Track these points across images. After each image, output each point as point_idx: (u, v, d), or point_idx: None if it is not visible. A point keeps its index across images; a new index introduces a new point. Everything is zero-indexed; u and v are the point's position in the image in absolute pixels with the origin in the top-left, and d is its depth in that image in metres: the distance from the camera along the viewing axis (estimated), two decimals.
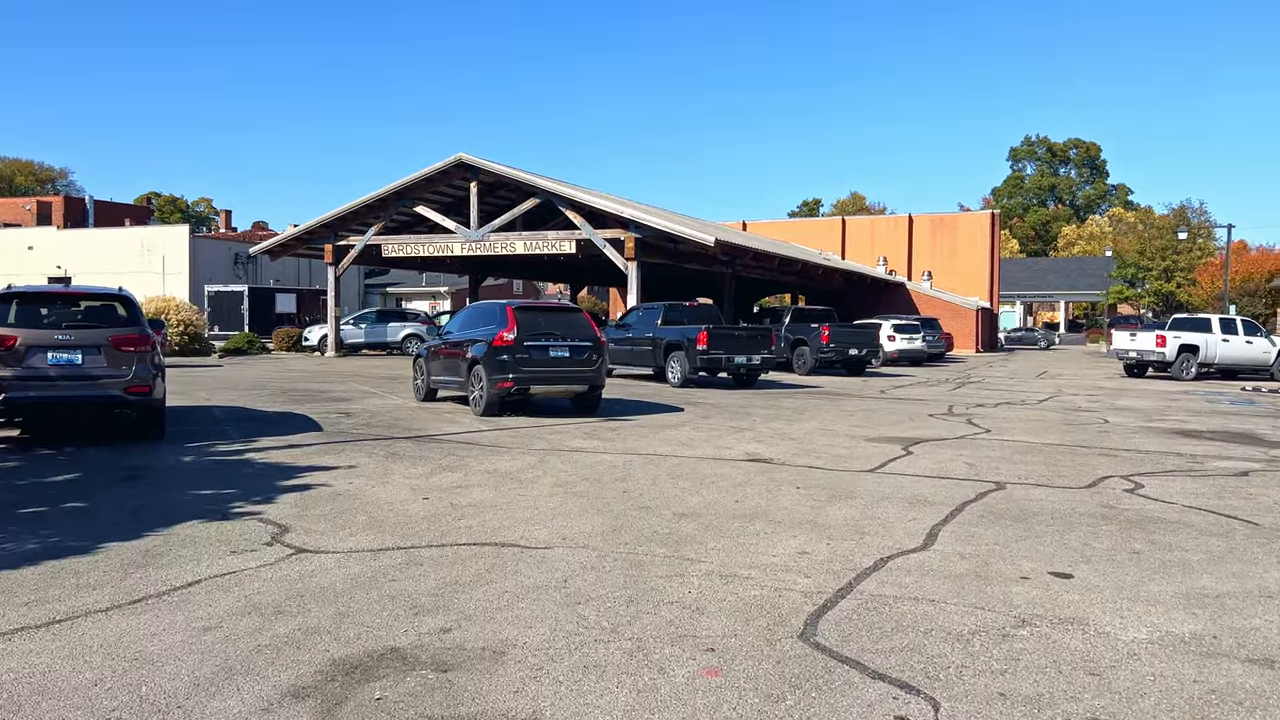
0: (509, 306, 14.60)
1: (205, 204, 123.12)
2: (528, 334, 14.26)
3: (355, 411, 15.00)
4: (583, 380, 14.62)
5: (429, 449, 11.01)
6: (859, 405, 17.77)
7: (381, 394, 18.37)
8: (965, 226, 59.16)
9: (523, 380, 14.15)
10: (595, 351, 14.73)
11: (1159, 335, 29.24)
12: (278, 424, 13.30)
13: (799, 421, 14.63)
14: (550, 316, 14.86)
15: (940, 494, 8.61)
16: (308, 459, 10.17)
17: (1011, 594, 5.51)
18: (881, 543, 6.72)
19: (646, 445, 11.59)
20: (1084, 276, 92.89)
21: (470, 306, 16.32)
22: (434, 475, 9.28)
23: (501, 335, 14.19)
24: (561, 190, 30.47)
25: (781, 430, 13.41)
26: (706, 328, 21.15)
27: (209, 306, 45.62)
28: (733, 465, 10.12)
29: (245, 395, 17.69)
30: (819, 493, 8.59)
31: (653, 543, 6.63)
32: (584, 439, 12.11)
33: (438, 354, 16.39)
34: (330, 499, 8.05)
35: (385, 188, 32.98)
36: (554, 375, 14.40)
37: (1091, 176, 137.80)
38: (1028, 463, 10.67)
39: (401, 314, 39.48)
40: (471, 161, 31.42)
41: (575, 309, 15.36)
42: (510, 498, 8.19)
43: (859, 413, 16.25)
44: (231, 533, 6.80)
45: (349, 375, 24.11)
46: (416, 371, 17.22)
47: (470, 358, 14.72)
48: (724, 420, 14.59)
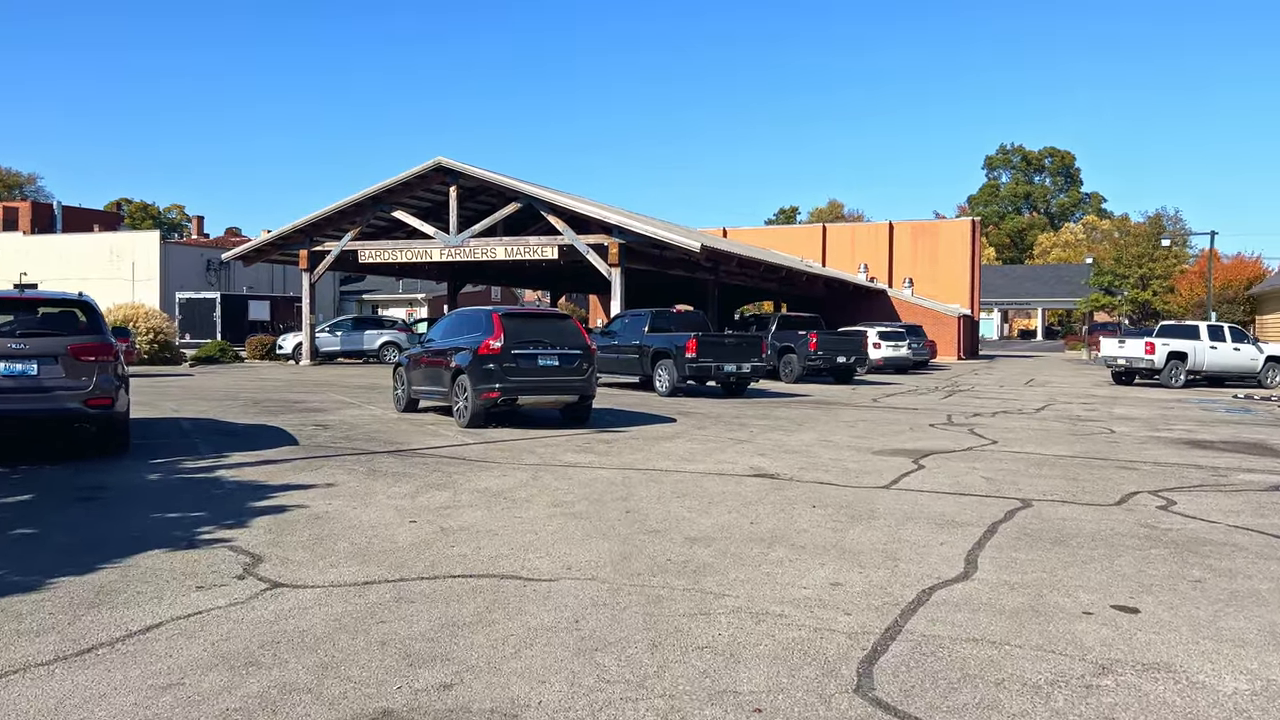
0: (496, 313, 13.94)
1: (178, 210, 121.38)
2: (515, 342, 13.60)
3: (333, 423, 14.27)
4: (573, 390, 13.97)
5: (413, 465, 10.32)
6: (855, 415, 17.22)
7: (359, 404, 17.63)
8: (946, 234, 59.03)
9: (510, 390, 13.48)
10: (586, 360, 14.09)
11: (1148, 342, 28.95)
12: (250, 437, 12.56)
13: (798, 432, 14.05)
14: (539, 324, 14.20)
15: (966, 513, 8.03)
16: (283, 476, 9.45)
17: (1079, 633, 4.92)
18: (918, 571, 6.12)
19: (644, 459, 10.95)
20: (1061, 284, 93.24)
21: (454, 313, 15.64)
22: (420, 495, 8.59)
23: (488, 343, 13.51)
24: (544, 195, 29.81)
25: (781, 442, 12.81)
26: (695, 335, 20.56)
27: (180, 314, 44.57)
28: (739, 481, 9.50)
29: (216, 406, 16.90)
30: (837, 513, 7.99)
31: (668, 573, 6.00)
32: (577, 453, 11.46)
33: (419, 363, 15.68)
34: (308, 523, 7.35)
35: (362, 192, 32.18)
36: (543, 385, 13.74)
37: (1066, 185, 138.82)
38: (1047, 477, 10.13)
39: (378, 321, 38.64)
40: (451, 165, 30.70)
41: (564, 316, 14.71)
42: (505, 520, 7.53)
43: (857, 423, 15.69)
44: (198, 564, 6.10)
45: (325, 385, 23.32)
46: (396, 381, 16.51)
47: (454, 367, 14.03)
48: (720, 431, 13.98)
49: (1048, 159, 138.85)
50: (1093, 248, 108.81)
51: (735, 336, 22.07)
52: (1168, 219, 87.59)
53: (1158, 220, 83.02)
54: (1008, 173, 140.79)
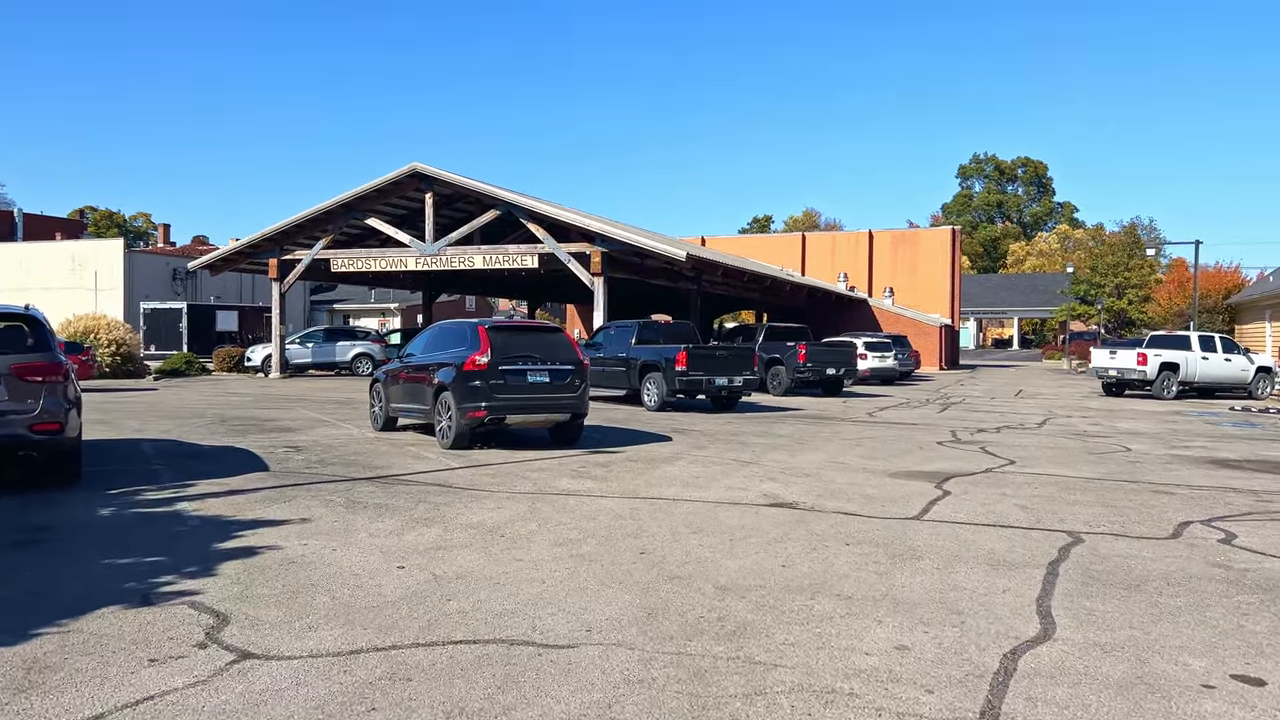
0: (481, 326, 13.05)
1: (144, 219, 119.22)
2: (503, 357, 12.73)
3: (306, 444, 13.31)
4: (565, 408, 13.11)
5: (397, 494, 9.41)
6: (856, 432, 16.46)
7: (334, 422, 16.66)
8: (926, 243, 58.69)
9: (498, 409, 12.60)
10: (578, 376, 13.23)
11: (1140, 353, 28.50)
12: (217, 462, 11.58)
13: (802, 452, 13.25)
14: (528, 337, 13.33)
15: (1016, 551, 7.26)
16: (253, 510, 8.52)
17: (1209, 715, 4.13)
18: (991, 628, 5.32)
19: (647, 485, 10.11)
20: (1036, 293, 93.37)
21: (435, 326, 14.73)
22: (407, 531, 7.70)
23: (473, 358, 12.63)
24: (523, 202, 28.95)
25: (788, 464, 12.01)
26: (685, 347, 19.76)
27: (145, 325, 43.25)
28: (756, 512, 8.68)
29: (181, 425, 15.87)
30: (874, 552, 7.18)
31: (704, 634, 5.16)
32: (573, 478, 10.59)
33: (398, 378, 14.76)
34: (282, 569, 6.44)
35: (334, 199, 31.17)
36: (533, 403, 12.87)
37: (1038, 194, 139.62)
38: (1084, 504, 9.39)
39: (351, 332, 37.56)
40: (427, 171, 29.78)
41: (555, 328, 13.85)
42: (506, 564, 6.66)
43: (862, 441, 14.93)
44: (153, 626, 5.19)
45: (296, 400, 22.29)
46: (374, 397, 15.56)
47: (437, 383, 13.13)
48: (721, 451, 13.16)
49: (1020, 169, 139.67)
50: (1067, 256, 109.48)
51: (727, 348, 21.29)
52: (1143, 228, 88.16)
53: (1133, 230, 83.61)
54: (981, 182, 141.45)
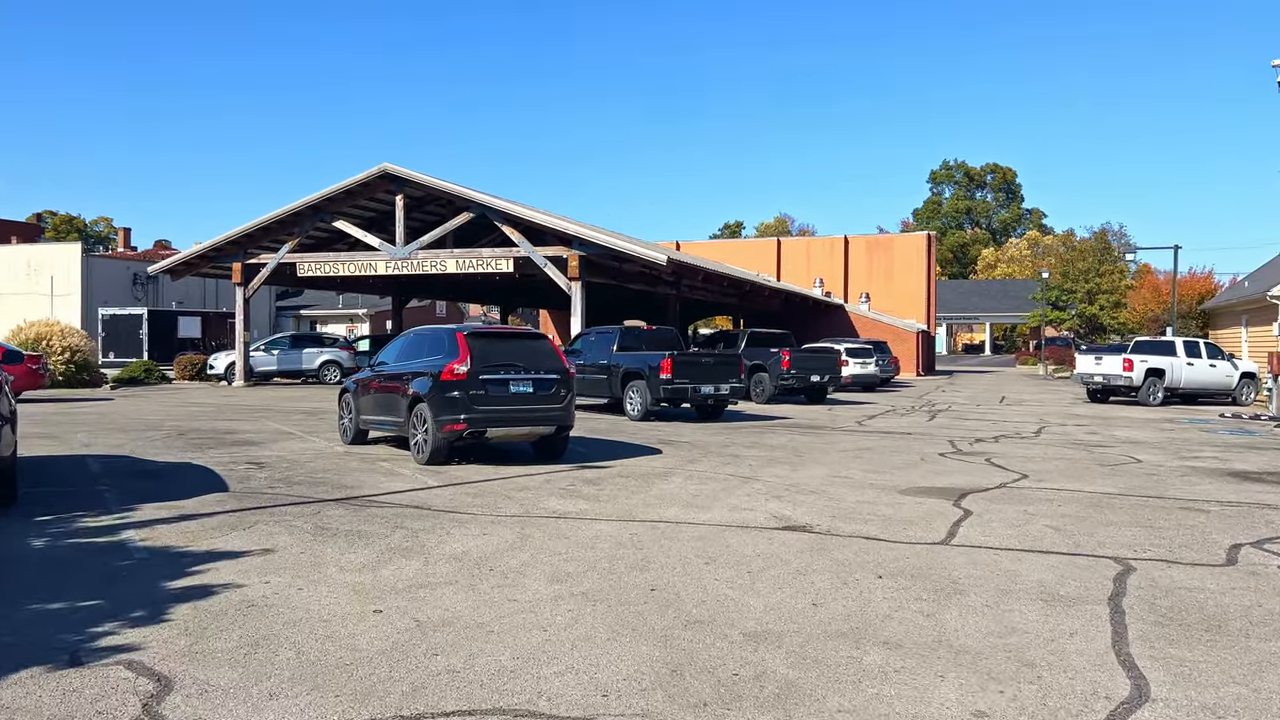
0: (460, 332, 12.18)
1: (105, 223, 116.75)
2: (483, 365, 11.86)
3: (270, 460, 12.36)
4: (549, 420, 12.26)
5: (370, 519, 8.52)
6: (851, 442, 15.74)
7: (300, 435, 15.69)
8: (901, 248, 58.37)
9: (478, 422, 11.72)
10: (564, 386, 12.39)
11: (1126, 359, 28.06)
12: (171, 481, 10.62)
13: (802, 466, 12.49)
14: (510, 344, 12.47)
15: (1066, 581, 6.51)
16: (209, 539, 7.60)
17: None
18: (1073, 685, 4.55)
19: (644, 506, 9.29)
20: (1008, 299, 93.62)
21: (410, 332, 13.83)
22: (383, 565, 6.83)
23: (451, 367, 11.75)
24: (498, 204, 28.06)
25: (790, 479, 11.24)
26: (670, 354, 18.97)
27: (103, 331, 41.84)
28: (769, 538, 7.88)
29: (135, 439, 14.84)
30: (912, 585, 6.40)
31: (744, 700, 4.34)
32: (563, 498, 9.75)
33: (369, 388, 13.85)
34: (239, 615, 5.56)
35: (301, 200, 30.11)
36: (516, 415, 12.00)
37: (1007, 200, 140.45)
38: (1118, 525, 8.68)
39: (318, 339, 36.45)
40: (397, 173, 28.81)
41: (538, 335, 12.99)
42: (498, 606, 5.81)
43: (861, 453, 14.19)
44: (79, 695, 4.30)
45: (261, 410, 21.25)
46: (343, 409, 14.62)
47: (412, 394, 12.24)
48: (716, 466, 12.36)
49: (989, 175, 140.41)
50: (1037, 263, 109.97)
51: (712, 355, 20.53)
52: (1113, 234, 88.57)
53: (1103, 236, 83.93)
54: (951, 188, 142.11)
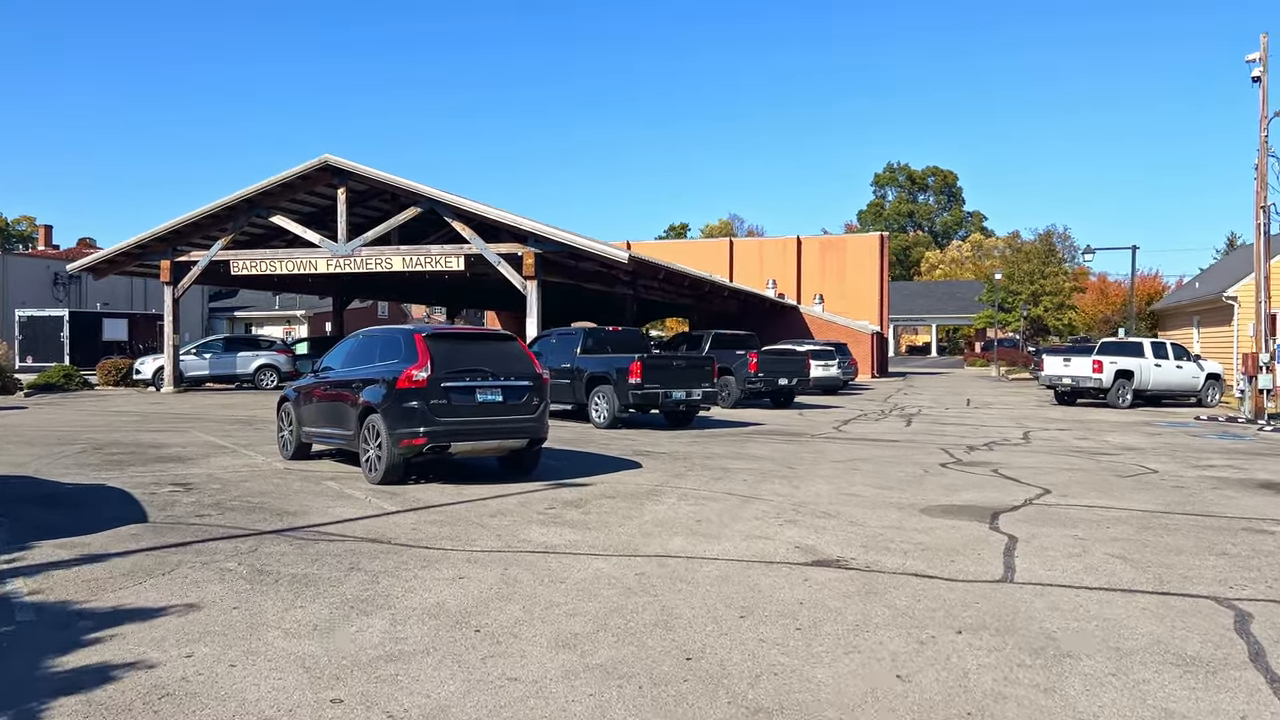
0: (419, 334, 10.72)
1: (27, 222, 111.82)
2: (446, 371, 10.42)
3: (199, 480, 10.78)
4: (521, 432, 10.85)
5: (319, 557, 7.07)
6: (840, 451, 14.59)
7: (235, 448, 14.08)
8: (853, 249, 57.83)
9: (441, 435, 10.29)
10: (536, 393, 11.00)
11: (1095, 361, 27.45)
12: (78, 509, 9.03)
13: (801, 481, 11.27)
14: (475, 347, 11.03)
15: (1186, 636, 5.35)
16: (117, 589, 6.11)
17: None
18: None
19: (642, 535, 7.96)
20: (953, 300, 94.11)
21: (360, 334, 12.32)
22: (340, 625, 5.42)
23: (409, 373, 10.29)
24: (449, 199, 26.48)
25: (795, 498, 10.00)
26: (639, 357, 17.67)
27: (20, 334, 39.26)
28: (802, 577, 6.62)
29: (43, 455, 13.10)
30: (1003, 645, 5.17)
31: None
32: (544, 525, 8.38)
33: (313, 396, 12.31)
34: (146, 713, 4.12)
35: (235, 194, 28.20)
36: (484, 427, 10.58)
37: (948, 203, 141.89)
38: (1186, 550, 7.59)
39: (253, 341, 34.44)
40: (339, 164, 27.09)
41: (507, 336, 11.56)
42: (496, 689, 4.45)
43: (855, 464, 13.03)
44: None
45: (191, 419, 19.48)
46: (282, 419, 13.05)
47: (363, 404, 10.76)
48: (706, 481, 11.08)
49: (930, 178, 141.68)
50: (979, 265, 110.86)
51: (684, 358, 19.26)
52: (1057, 236, 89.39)
53: (1048, 238, 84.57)
54: (894, 191, 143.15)
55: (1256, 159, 23.73)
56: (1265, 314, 23.74)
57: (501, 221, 25.94)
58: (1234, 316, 37.48)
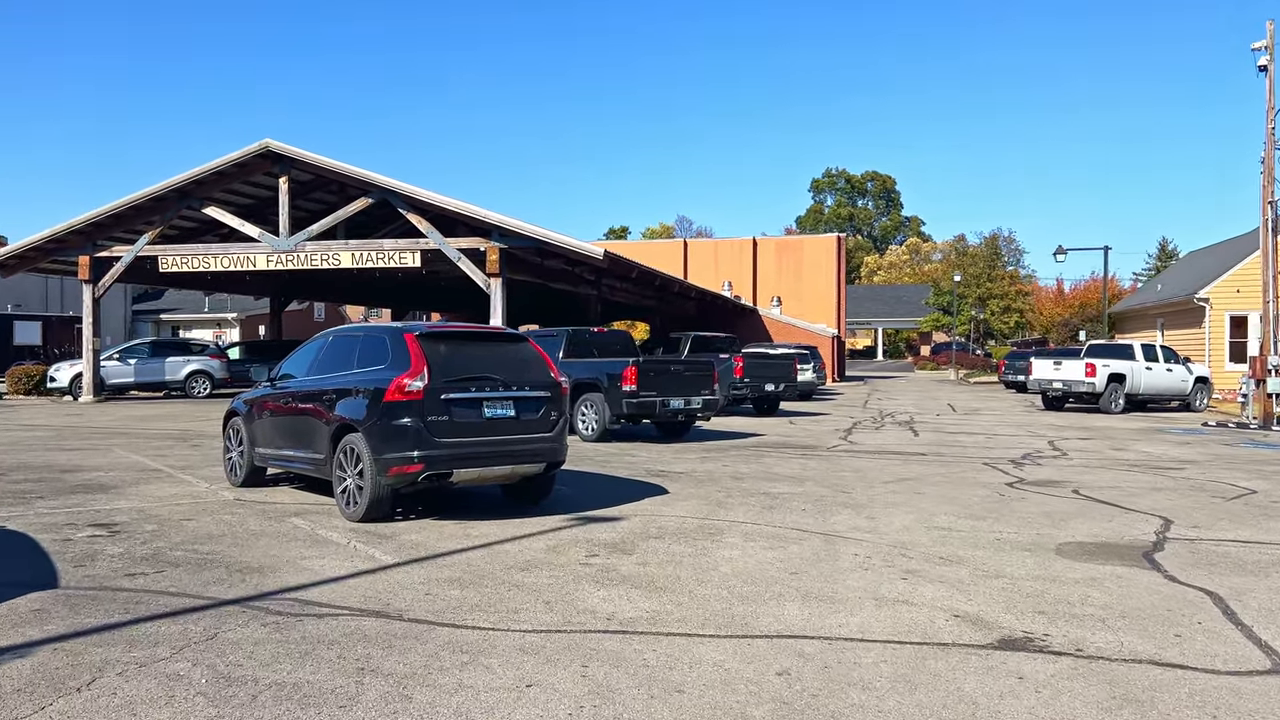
0: (410, 333, 8.58)
1: None
2: (446, 379, 8.31)
3: (128, 519, 8.51)
4: (537, 455, 8.78)
5: (311, 652, 4.94)
6: (880, 469, 12.78)
7: (170, 471, 11.74)
8: (810, 250, 56.57)
9: (441, 461, 8.17)
10: (555, 406, 8.94)
11: (1088, 364, 26.20)
12: None
13: (873, 511, 9.38)
14: (480, 350, 8.91)
15: None
16: None
17: None
18: None
19: (736, 599, 5.98)
20: (900, 304, 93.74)
21: (329, 335, 10.09)
22: None
23: (400, 383, 8.16)
24: (403, 189, 24.16)
25: (886, 535, 8.12)
26: (634, 362, 15.70)
27: None
28: (1006, 669, 4.71)
29: None
30: None
31: None
32: (601, 585, 6.33)
33: (269, 410, 10.08)
34: None
35: (164, 183, 25.48)
36: (492, 449, 8.47)
37: (887, 208, 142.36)
38: None
39: (184, 345, 31.60)
40: (281, 150, 24.59)
41: (517, 336, 9.45)
42: None
43: (914, 485, 11.20)
44: None
45: (115, 433, 16.95)
46: (230, 437, 10.77)
47: (338, 421, 8.60)
48: (759, 512, 9.14)
49: (869, 182, 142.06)
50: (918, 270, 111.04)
51: (682, 363, 17.32)
52: (1003, 240, 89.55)
53: (993, 241, 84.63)
54: (833, 195, 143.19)
55: (1263, 153, 22.64)
56: (1274, 314, 22.63)
57: (462, 213, 23.71)
58: (1205, 318, 36.82)
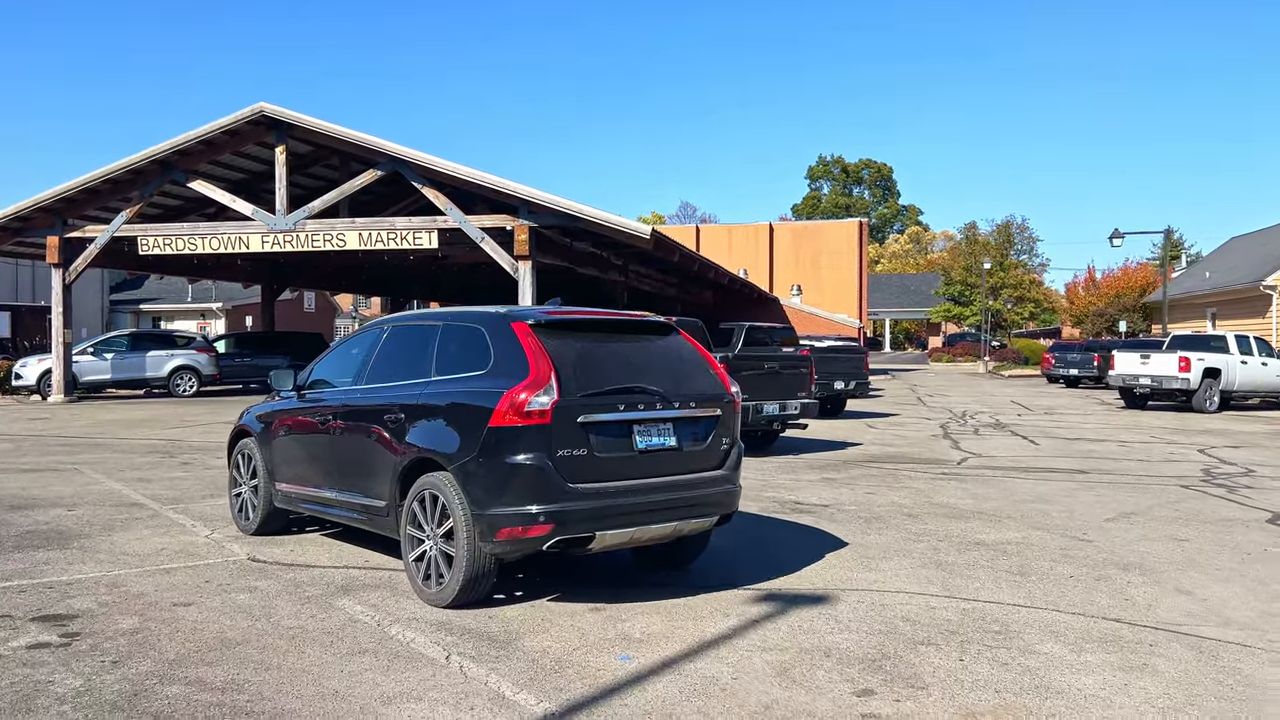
0: (520, 322, 5.70)
1: None
2: (583, 393, 5.44)
3: (90, 609, 5.60)
4: (709, 504, 5.87)
5: None
6: (1056, 493, 9.99)
7: (156, 507, 8.81)
8: (831, 236, 53.83)
9: (579, 518, 5.28)
10: (725, 430, 6.07)
11: (1182, 357, 23.53)
12: None
13: (1168, 577, 6.59)
14: (621, 346, 6.02)
15: None
16: None
17: None
18: None
19: None
20: (907, 294, 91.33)
21: (382, 326, 7.12)
22: None
23: (517, 398, 5.27)
24: (417, 158, 21.18)
25: (1259, 627, 5.33)
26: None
27: None
28: None
29: None
30: None
31: None
32: None
33: (293, 430, 7.18)
34: None
35: (143, 153, 22.42)
36: (649, 498, 5.56)
37: (884, 196, 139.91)
38: None
39: (167, 338, 28.47)
40: (278, 115, 21.59)
41: (665, 325, 6.52)
42: None
43: (1145, 522, 8.42)
44: None
45: (86, 444, 13.99)
46: (239, 466, 7.84)
47: (412, 452, 5.72)
48: (1005, 579, 6.34)
49: (865, 170, 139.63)
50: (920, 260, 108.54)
51: (779, 359, 14.51)
52: (1016, 227, 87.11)
53: (1006, 228, 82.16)
54: (828, 184, 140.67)
55: None
56: None
57: (486, 186, 20.74)
58: (1272, 306, 34.39)
